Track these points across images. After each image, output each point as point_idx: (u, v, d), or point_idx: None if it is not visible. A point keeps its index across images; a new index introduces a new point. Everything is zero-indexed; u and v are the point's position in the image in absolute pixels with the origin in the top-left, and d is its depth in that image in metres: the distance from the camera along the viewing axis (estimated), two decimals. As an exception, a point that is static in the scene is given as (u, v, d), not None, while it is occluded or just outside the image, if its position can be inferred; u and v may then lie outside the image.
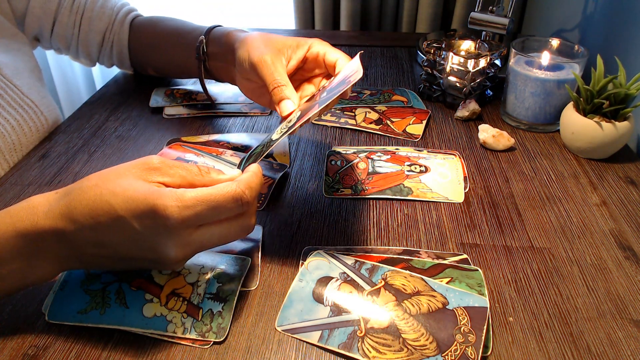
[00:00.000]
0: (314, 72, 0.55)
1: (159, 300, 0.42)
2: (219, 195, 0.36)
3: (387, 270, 0.45)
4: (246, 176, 0.39)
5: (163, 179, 0.38)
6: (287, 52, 0.53)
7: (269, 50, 0.51)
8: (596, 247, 0.49)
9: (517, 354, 0.39)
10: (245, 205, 0.37)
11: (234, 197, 0.37)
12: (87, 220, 0.36)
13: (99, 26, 0.73)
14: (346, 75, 0.46)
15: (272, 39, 0.54)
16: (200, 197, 0.36)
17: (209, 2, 1.34)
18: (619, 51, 0.70)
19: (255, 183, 0.39)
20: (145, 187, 0.36)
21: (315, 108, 0.43)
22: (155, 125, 0.70)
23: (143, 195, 0.35)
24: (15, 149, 0.62)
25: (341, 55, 0.51)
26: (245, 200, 0.37)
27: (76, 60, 0.78)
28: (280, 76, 0.50)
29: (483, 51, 0.72)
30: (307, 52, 0.53)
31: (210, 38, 0.64)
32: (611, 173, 0.60)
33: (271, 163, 0.60)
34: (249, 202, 0.38)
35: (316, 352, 0.39)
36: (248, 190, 0.37)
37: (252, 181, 0.39)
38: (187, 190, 0.36)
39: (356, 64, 0.46)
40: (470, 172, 0.60)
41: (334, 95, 0.43)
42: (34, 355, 0.39)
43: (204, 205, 0.36)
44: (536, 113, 0.67)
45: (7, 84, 0.63)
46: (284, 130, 0.44)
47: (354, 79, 0.43)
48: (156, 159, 0.39)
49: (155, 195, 0.35)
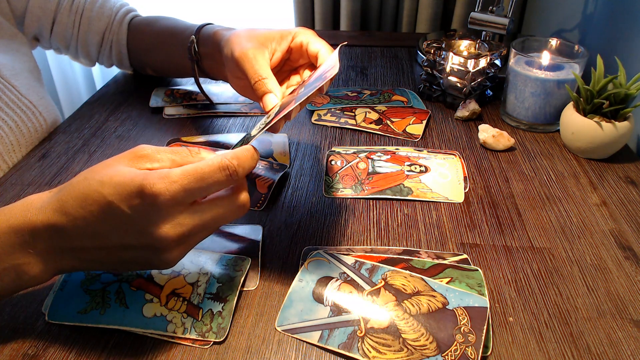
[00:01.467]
0: (299, 62, 0.55)
1: (159, 300, 0.42)
2: (205, 166, 0.35)
3: (387, 270, 0.45)
4: (236, 150, 0.38)
5: (152, 164, 0.37)
6: (270, 45, 0.52)
7: (252, 44, 0.51)
8: (596, 247, 0.49)
9: (517, 354, 0.39)
10: (234, 175, 0.36)
11: (220, 166, 0.36)
12: (78, 212, 0.36)
13: (98, 26, 0.73)
14: (324, 70, 0.45)
15: (255, 33, 0.53)
16: (186, 170, 0.35)
17: (209, 2, 1.34)
18: (619, 51, 0.70)
19: (245, 156, 0.38)
20: (133, 171, 0.36)
21: (292, 104, 0.42)
22: (155, 125, 0.70)
23: (129, 178, 0.35)
24: (14, 150, 0.62)
25: (323, 46, 0.50)
26: (233, 169, 0.36)
27: (76, 60, 0.78)
28: (262, 69, 0.49)
29: (483, 51, 0.72)
30: (291, 43, 0.53)
31: (201, 37, 0.64)
32: (611, 173, 0.60)
33: (271, 163, 0.60)
34: (237, 171, 0.36)
35: (316, 352, 0.39)
36: (236, 160, 0.36)
37: (242, 154, 0.37)
38: (174, 168, 0.35)
39: (334, 58, 0.45)
40: (470, 172, 0.60)
41: (310, 91, 0.42)
42: (34, 355, 0.39)
43: (190, 178, 0.35)
44: (536, 113, 0.67)
45: (5, 85, 0.63)
46: (261, 126, 0.44)
47: (329, 75, 0.42)
48: (145, 147, 0.38)
49: (142, 176, 0.35)
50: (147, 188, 0.34)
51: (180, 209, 0.36)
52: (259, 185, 0.56)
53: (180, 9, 1.33)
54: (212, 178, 0.36)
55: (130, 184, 0.34)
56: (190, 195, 0.35)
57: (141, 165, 0.37)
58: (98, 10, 0.72)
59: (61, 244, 0.37)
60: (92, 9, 0.72)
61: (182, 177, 0.35)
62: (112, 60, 0.78)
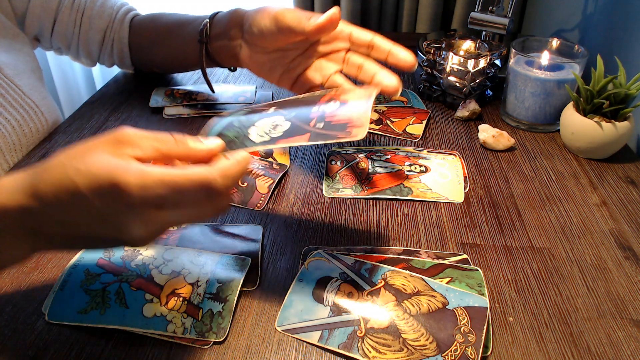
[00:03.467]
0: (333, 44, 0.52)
1: (159, 300, 0.42)
2: (185, 180, 0.33)
3: (387, 270, 0.45)
4: (225, 164, 0.35)
5: (134, 151, 0.35)
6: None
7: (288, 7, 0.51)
8: (596, 247, 0.49)
9: (517, 354, 0.39)
10: (214, 194, 0.34)
11: (202, 184, 0.33)
12: (51, 199, 0.34)
13: (100, 25, 0.73)
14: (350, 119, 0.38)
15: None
16: (164, 179, 0.33)
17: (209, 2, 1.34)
18: (619, 51, 0.70)
19: (234, 172, 0.35)
20: (112, 162, 0.34)
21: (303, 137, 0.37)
22: (155, 125, 0.70)
23: (106, 171, 0.33)
24: (16, 150, 0.62)
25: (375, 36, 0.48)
26: (216, 189, 0.34)
27: (77, 60, 0.78)
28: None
29: (483, 51, 0.72)
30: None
31: (215, 20, 0.64)
32: (611, 173, 0.60)
33: (271, 163, 0.60)
34: (220, 191, 0.34)
35: (316, 352, 0.39)
36: (222, 179, 0.34)
37: (230, 170, 0.35)
38: (153, 169, 0.33)
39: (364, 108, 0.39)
40: (470, 172, 0.60)
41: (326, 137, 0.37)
42: (34, 355, 0.39)
43: (167, 189, 0.33)
44: (536, 113, 0.67)
45: (8, 84, 0.63)
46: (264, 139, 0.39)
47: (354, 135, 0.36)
48: (128, 131, 0.36)
49: (120, 170, 0.33)
50: (121, 186, 0.32)
51: (153, 212, 0.34)
52: (259, 185, 0.56)
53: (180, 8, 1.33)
54: (189, 193, 0.34)
55: (107, 178, 0.33)
56: (163, 202, 0.34)
57: (122, 151, 0.35)
58: (99, 9, 0.73)
59: (33, 226, 0.36)
60: (93, 7, 0.72)
61: (157, 184, 0.33)
62: (113, 59, 0.78)
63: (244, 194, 0.55)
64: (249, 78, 0.84)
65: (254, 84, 0.81)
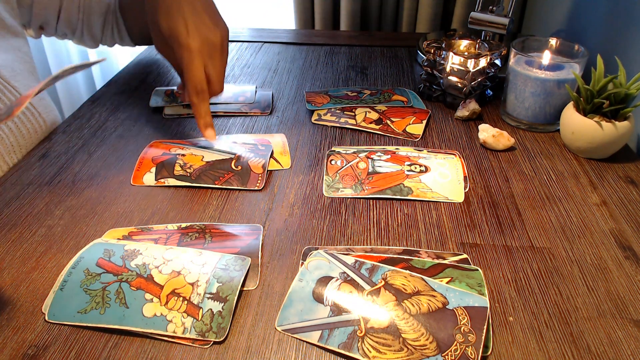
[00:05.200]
0: None
1: (159, 300, 0.42)
2: None
3: (387, 270, 0.45)
4: None
5: None
6: None
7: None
8: (596, 247, 0.49)
9: (517, 354, 0.39)
10: None
11: None
12: None
13: (100, 8, 0.76)
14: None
15: None
16: None
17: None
18: (619, 51, 0.70)
19: None
20: None
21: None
22: (155, 125, 0.70)
23: None
24: (15, 151, 0.62)
25: None
26: None
27: (80, 43, 0.81)
28: None
29: (483, 51, 0.72)
30: None
31: None
32: (611, 173, 0.60)
33: (254, 145, 0.63)
34: None
35: (316, 352, 0.39)
36: None
37: None
38: None
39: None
40: (470, 172, 0.60)
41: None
42: (34, 355, 0.39)
43: None
44: (536, 113, 0.67)
45: (5, 86, 0.63)
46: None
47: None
48: None
49: None
50: None
51: None
52: (253, 167, 0.59)
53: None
54: None
55: None
56: None
57: None
58: None
59: None
60: None
61: None
62: (114, 39, 0.81)
63: (241, 176, 0.58)
64: (249, 78, 0.84)
65: (254, 84, 0.81)
